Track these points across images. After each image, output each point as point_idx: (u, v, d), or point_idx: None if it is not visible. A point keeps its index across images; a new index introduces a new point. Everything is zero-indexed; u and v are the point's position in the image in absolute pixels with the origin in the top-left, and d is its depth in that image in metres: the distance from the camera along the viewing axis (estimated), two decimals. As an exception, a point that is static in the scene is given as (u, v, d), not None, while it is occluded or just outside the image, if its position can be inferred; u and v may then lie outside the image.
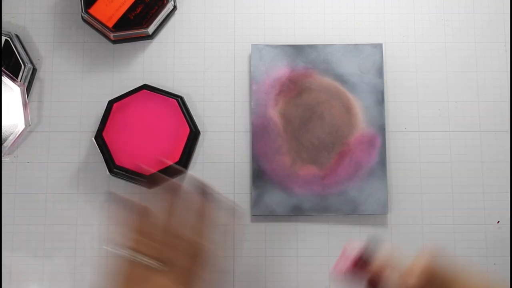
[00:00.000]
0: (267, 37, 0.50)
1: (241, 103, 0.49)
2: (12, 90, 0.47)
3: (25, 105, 0.48)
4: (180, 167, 0.46)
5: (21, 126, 0.47)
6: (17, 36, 0.49)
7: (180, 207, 0.38)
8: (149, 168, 0.46)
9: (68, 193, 0.48)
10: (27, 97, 0.48)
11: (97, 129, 0.47)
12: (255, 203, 0.47)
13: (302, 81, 0.48)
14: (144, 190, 0.48)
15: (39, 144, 0.49)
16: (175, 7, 0.50)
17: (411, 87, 0.50)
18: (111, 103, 0.47)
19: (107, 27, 0.48)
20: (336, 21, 0.50)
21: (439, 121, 0.49)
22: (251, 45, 0.49)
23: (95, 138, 0.47)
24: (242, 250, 0.47)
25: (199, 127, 0.48)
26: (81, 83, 0.50)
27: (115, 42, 0.50)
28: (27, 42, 0.50)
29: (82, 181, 0.48)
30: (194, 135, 0.47)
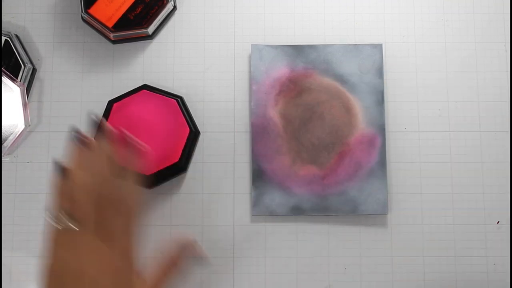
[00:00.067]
0: (267, 37, 0.50)
1: (241, 103, 0.49)
2: (12, 90, 0.47)
3: (25, 105, 0.48)
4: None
5: (21, 126, 0.47)
6: (17, 36, 0.49)
7: (110, 166, 0.38)
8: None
9: (68, 193, 0.48)
10: (27, 97, 0.48)
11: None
12: (255, 203, 0.47)
13: (302, 81, 0.48)
14: (144, 190, 0.48)
15: (39, 144, 0.49)
16: (175, 7, 0.50)
17: (411, 87, 0.50)
18: (111, 103, 0.47)
19: (107, 27, 0.48)
20: (336, 21, 0.50)
21: (439, 121, 0.49)
22: (251, 45, 0.49)
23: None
24: (242, 250, 0.47)
25: (199, 127, 0.48)
26: (81, 83, 0.50)
27: (115, 42, 0.50)
28: (27, 42, 0.50)
29: (82, 181, 0.48)
30: (194, 135, 0.47)
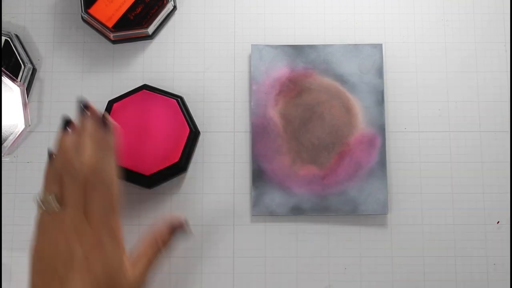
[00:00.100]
0: (267, 37, 0.50)
1: (241, 103, 0.49)
2: (12, 90, 0.47)
3: (25, 105, 0.48)
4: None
5: (21, 126, 0.47)
6: (17, 36, 0.49)
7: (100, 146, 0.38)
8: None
9: (68, 193, 0.48)
10: (27, 97, 0.48)
11: (97, 129, 0.47)
12: (255, 203, 0.47)
13: (302, 81, 0.48)
14: (144, 190, 0.48)
15: (39, 144, 0.48)
16: (175, 7, 0.50)
17: (411, 87, 0.50)
18: (111, 103, 0.47)
19: (107, 27, 0.48)
20: (336, 21, 0.50)
21: (439, 121, 0.49)
22: (251, 45, 0.49)
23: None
24: (242, 250, 0.47)
25: (199, 127, 0.48)
26: (81, 83, 0.50)
27: (115, 42, 0.50)
28: (27, 42, 0.50)
29: (82, 181, 0.48)
30: (194, 135, 0.47)
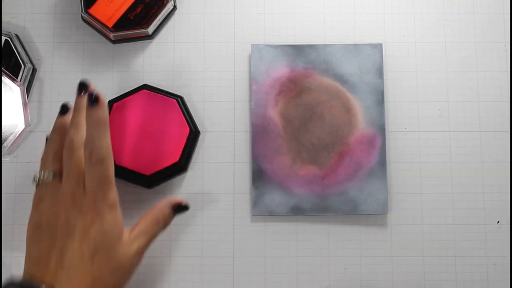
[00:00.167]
0: (267, 37, 0.50)
1: (241, 103, 0.49)
2: (12, 90, 0.47)
3: (25, 105, 0.48)
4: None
5: (21, 126, 0.47)
6: (17, 36, 0.49)
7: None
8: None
9: (68, 193, 0.48)
10: (27, 97, 0.48)
11: (97, 129, 0.47)
12: (255, 203, 0.47)
13: (302, 81, 0.48)
14: (144, 190, 0.48)
15: (39, 144, 0.48)
16: (175, 7, 0.50)
17: (411, 87, 0.50)
18: (111, 103, 0.47)
19: (107, 27, 0.48)
20: (336, 21, 0.50)
21: (439, 121, 0.49)
22: (251, 45, 0.49)
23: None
24: (242, 250, 0.47)
25: (199, 127, 0.48)
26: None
27: (115, 42, 0.50)
28: (27, 42, 0.50)
29: (82, 181, 0.48)
30: (194, 135, 0.47)
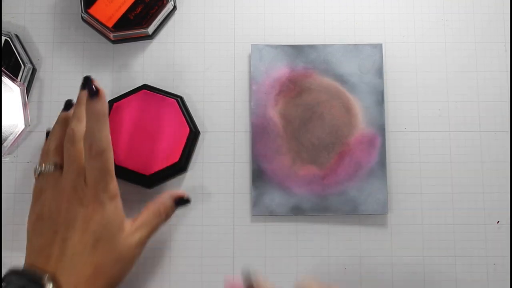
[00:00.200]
0: (267, 37, 0.50)
1: (241, 103, 0.49)
2: (12, 90, 0.47)
3: (25, 105, 0.48)
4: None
5: (21, 126, 0.47)
6: (17, 36, 0.49)
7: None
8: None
9: (68, 193, 0.48)
10: (27, 97, 0.48)
11: (97, 129, 0.47)
12: (255, 203, 0.47)
13: (302, 81, 0.48)
14: (144, 190, 0.48)
15: (39, 144, 0.48)
16: (175, 7, 0.50)
17: (411, 87, 0.50)
18: (110, 103, 0.47)
19: (107, 27, 0.48)
20: (336, 21, 0.50)
21: (439, 121, 0.49)
22: (251, 45, 0.49)
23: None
24: (242, 250, 0.47)
25: (199, 127, 0.48)
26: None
27: (115, 42, 0.50)
28: (27, 42, 0.50)
29: (82, 181, 0.48)
30: (194, 135, 0.47)
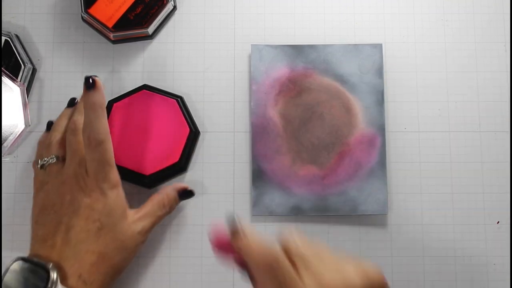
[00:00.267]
0: (267, 37, 0.50)
1: (241, 103, 0.49)
2: (12, 90, 0.47)
3: (25, 105, 0.48)
4: None
5: (21, 126, 0.47)
6: (17, 36, 0.49)
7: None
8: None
9: (68, 193, 0.48)
10: (27, 97, 0.48)
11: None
12: (255, 203, 0.47)
13: (302, 81, 0.48)
14: (144, 190, 0.48)
15: (39, 144, 0.48)
16: (175, 7, 0.50)
17: (411, 87, 0.50)
18: (111, 103, 0.47)
19: (107, 27, 0.48)
20: (336, 21, 0.50)
21: (439, 121, 0.49)
22: (251, 45, 0.49)
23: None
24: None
25: (199, 127, 0.48)
26: (81, 83, 0.49)
27: (115, 42, 0.50)
28: (27, 42, 0.50)
29: (82, 181, 0.48)
30: (194, 135, 0.47)
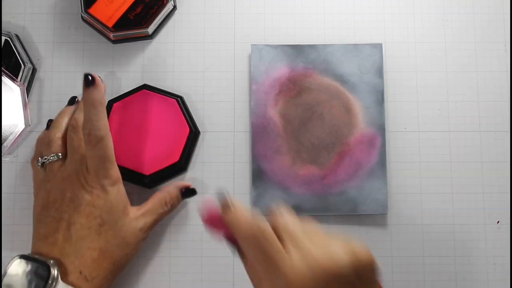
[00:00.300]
0: (267, 37, 0.50)
1: (241, 103, 0.49)
2: (12, 90, 0.47)
3: (25, 105, 0.48)
4: None
5: (21, 126, 0.47)
6: (17, 36, 0.49)
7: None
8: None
9: (68, 193, 0.48)
10: (27, 97, 0.48)
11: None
12: (255, 203, 0.47)
13: (302, 81, 0.48)
14: (144, 190, 0.48)
15: (39, 144, 0.48)
16: (175, 7, 0.50)
17: (411, 87, 0.50)
18: (111, 103, 0.47)
19: (107, 27, 0.48)
20: (336, 21, 0.50)
21: (439, 121, 0.49)
22: (251, 45, 0.49)
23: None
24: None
25: (199, 127, 0.48)
26: (81, 83, 0.49)
27: (115, 42, 0.50)
28: (27, 42, 0.50)
29: (82, 181, 0.48)
30: (194, 135, 0.47)
